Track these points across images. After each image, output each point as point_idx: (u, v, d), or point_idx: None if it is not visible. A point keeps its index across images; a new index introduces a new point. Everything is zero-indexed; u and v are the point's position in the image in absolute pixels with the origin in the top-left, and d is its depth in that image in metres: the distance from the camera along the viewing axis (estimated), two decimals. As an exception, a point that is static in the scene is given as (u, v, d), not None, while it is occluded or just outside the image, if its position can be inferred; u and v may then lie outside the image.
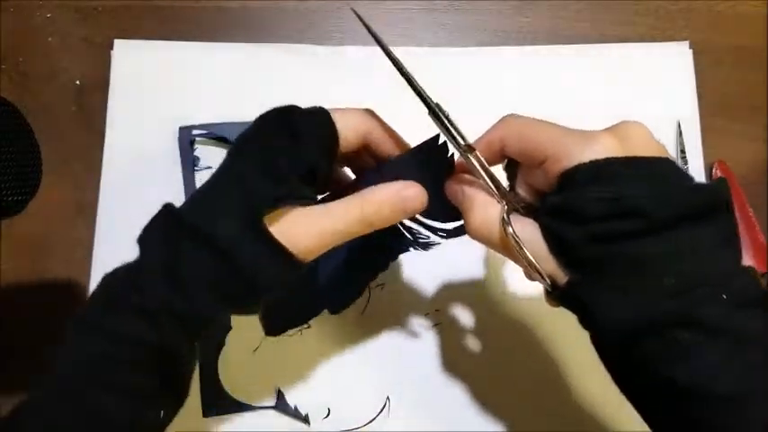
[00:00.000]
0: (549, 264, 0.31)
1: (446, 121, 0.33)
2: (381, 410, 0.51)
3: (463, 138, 0.33)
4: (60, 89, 0.58)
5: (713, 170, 0.56)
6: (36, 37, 0.59)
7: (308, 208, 0.34)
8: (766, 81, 0.59)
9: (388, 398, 0.51)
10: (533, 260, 0.31)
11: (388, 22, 0.60)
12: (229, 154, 0.35)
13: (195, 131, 0.55)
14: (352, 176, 0.42)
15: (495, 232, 0.33)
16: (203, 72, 0.58)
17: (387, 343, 0.52)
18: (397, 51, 0.60)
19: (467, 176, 0.36)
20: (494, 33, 0.60)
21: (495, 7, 0.61)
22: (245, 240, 0.32)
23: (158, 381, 0.32)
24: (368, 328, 0.52)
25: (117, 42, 0.58)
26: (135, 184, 0.55)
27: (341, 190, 0.37)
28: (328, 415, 0.51)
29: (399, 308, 0.53)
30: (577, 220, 0.29)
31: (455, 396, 0.51)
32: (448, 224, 0.39)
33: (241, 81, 0.57)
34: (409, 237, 0.43)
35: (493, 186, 0.33)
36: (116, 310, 0.32)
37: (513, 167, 0.35)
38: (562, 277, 0.31)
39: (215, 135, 0.55)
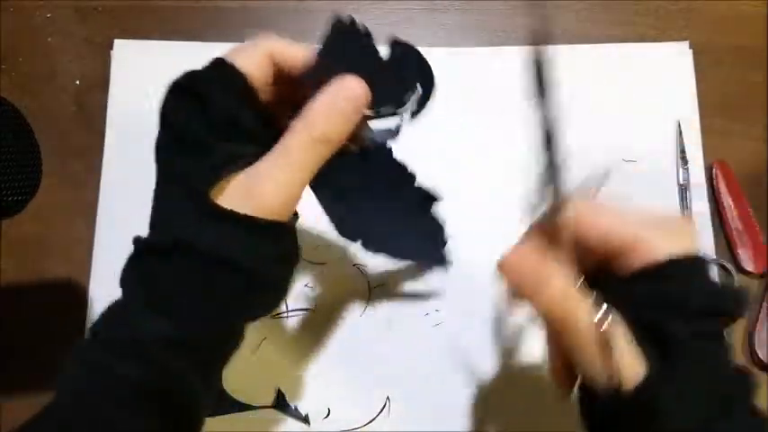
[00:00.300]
0: (624, 358, 0.28)
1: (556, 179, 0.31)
2: (381, 410, 0.51)
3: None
4: (60, 89, 0.58)
5: (713, 170, 0.56)
6: (36, 37, 0.59)
7: (257, 163, 0.31)
8: (766, 81, 0.59)
9: (388, 398, 0.51)
10: (617, 352, 0.28)
11: (389, 22, 0.60)
12: (155, 153, 0.33)
13: (195, 131, 0.55)
14: None
15: (573, 314, 0.29)
16: (203, 72, 0.58)
17: (387, 343, 0.52)
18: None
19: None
20: (494, 33, 0.60)
21: (495, 7, 0.61)
22: (204, 231, 0.30)
23: (165, 423, 0.30)
24: (368, 328, 0.52)
25: (117, 42, 0.58)
26: (135, 184, 0.55)
27: None
28: (328, 415, 0.51)
29: (399, 308, 0.53)
30: (686, 315, 0.28)
31: (455, 396, 0.51)
32: (403, 106, 0.35)
33: (241, 81, 0.57)
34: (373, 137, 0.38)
35: (571, 257, 0.30)
36: (111, 351, 0.30)
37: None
38: (633, 374, 0.28)
39: (215, 135, 0.55)
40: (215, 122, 0.31)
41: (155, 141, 0.33)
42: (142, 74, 0.58)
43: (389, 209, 0.40)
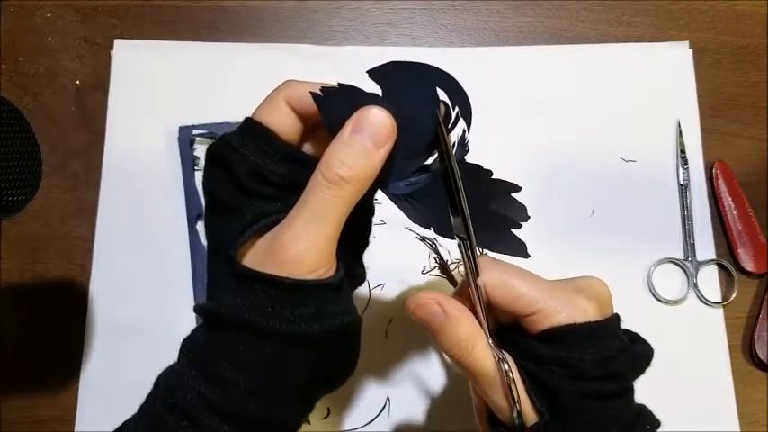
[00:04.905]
0: (524, 406, 0.32)
1: (472, 249, 0.33)
2: (381, 410, 0.51)
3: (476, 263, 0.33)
4: (60, 89, 0.58)
5: (713, 170, 0.56)
6: (36, 37, 0.59)
7: (284, 221, 0.30)
8: (766, 81, 0.59)
9: (388, 398, 0.51)
10: (518, 398, 0.31)
11: (389, 22, 0.60)
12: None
13: (195, 131, 0.55)
14: None
15: (475, 355, 0.32)
16: (203, 72, 0.58)
17: (387, 343, 0.52)
18: (398, 51, 0.61)
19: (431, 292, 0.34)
20: (494, 33, 0.60)
21: (495, 7, 0.61)
22: (230, 296, 0.29)
23: None
24: (368, 328, 0.52)
25: (117, 42, 0.58)
26: (135, 184, 0.55)
27: None
28: (328, 415, 0.51)
29: (399, 308, 0.53)
30: (575, 376, 0.31)
31: (455, 396, 0.51)
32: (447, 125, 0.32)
33: (241, 81, 0.57)
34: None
35: (483, 316, 0.33)
36: (166, 406, 0.30)
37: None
38: (531, 417, 0.32)
39: (215, 135, 0.55)
40: (241, 183, 0.30)
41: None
42: (142, 74, 0.58)
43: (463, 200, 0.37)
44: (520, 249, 0.36)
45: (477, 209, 0.34)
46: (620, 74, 0.59)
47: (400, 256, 0.53)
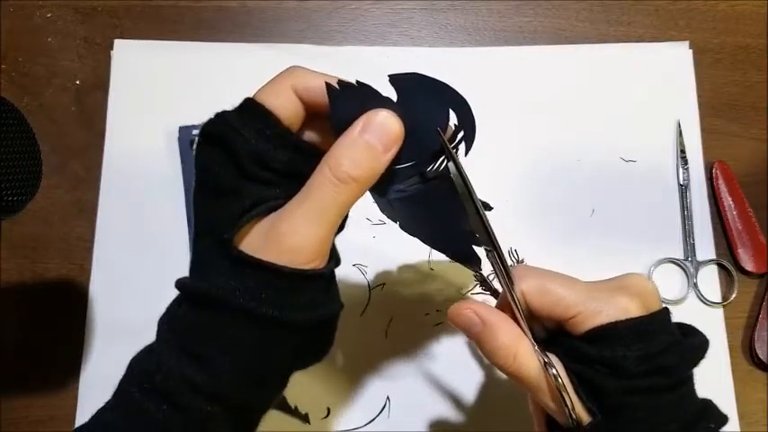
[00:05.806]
0: (576, 407, 0.32)
1: (501, 258, 0.33)
2: (381, 410, 0.51)
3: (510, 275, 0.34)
4: (60, 89, 0.58)
5: (713, 170, 0.56)
6: (36, 37, 0.59)
7: (283, 208, 0.30)
8: (766, 81, 0.59)
9: (388, 398, 0.51)
10: (571, 402, 0.31)
11: (389, 22, 0.60)
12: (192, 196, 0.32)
13: (195, 131, 0.55)
14: None
15: (518, 362, 0.33)
16: (203, 72, 0.58)
17: (387, 343, 0.52)
18: (398, 51, 0.61)
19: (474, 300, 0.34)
20: (494, 33, 0.60)
21: (495, 7, 0.61)
22: (224, 279, 0.29)
23: None
24: (368, 328, 0.52)
25: (117, 42, 0.58)
26: (135, 184, 0.55)
27: None
28: (328, 415, 0.51)
29: (399, 308, 0.53)
30: (620, 374, 0.31)
31: (455, 396, 0.51)
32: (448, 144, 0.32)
33: (241, 81, 0.57)
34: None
35: (524, 322, 0.33)
36: (142, 390, 0.29)
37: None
38: (585, 417, 0.32)
39: (215, 135, 0.55)
40: (242, 166, 0.30)
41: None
42: (142, 74, 0.58)
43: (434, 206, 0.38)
44: (476, 263, 0.37)
45: (452, 223, 0.35)
46: (620, 74, 0.59)
47: (400, 256, 0.53)
